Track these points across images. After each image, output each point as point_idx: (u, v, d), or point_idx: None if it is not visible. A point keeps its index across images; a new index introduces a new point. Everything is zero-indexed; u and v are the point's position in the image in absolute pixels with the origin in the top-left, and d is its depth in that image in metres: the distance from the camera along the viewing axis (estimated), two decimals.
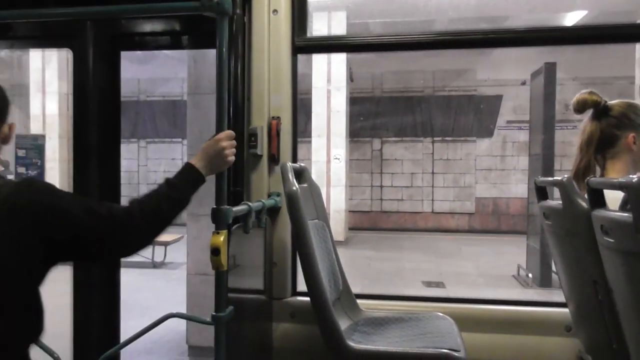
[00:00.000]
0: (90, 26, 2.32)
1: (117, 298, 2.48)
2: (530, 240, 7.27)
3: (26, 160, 2.40)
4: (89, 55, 2.34)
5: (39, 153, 2.42)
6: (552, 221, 1.70)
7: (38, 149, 2.41)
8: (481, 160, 13.41)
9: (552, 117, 6.73)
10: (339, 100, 10.06)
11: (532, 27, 2.10)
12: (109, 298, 2.43)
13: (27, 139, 2.38)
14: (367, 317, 2.06)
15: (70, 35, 2.32)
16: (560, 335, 1.99)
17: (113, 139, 2.48)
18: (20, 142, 2.39)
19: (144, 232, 1.36)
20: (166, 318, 1.81)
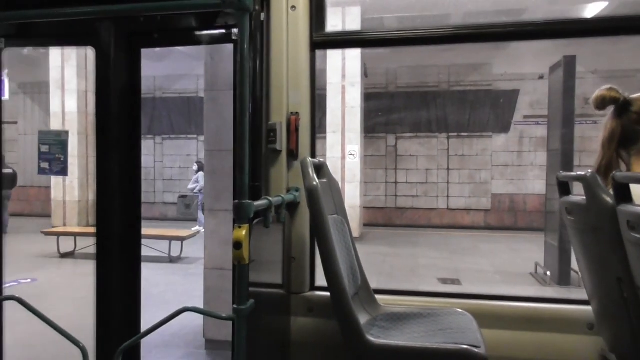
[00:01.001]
0: (111, 24, 2.36)
1: (138, 291, 2.52)
2: (549, 237, 7.18)
3: (49, 156, 2.42)
4: (111, 53, 2.37)
5: (62, 148, 2.44)
6: (574, 217, 1.68)
7: (61, 145, 2.43)
8: (497, 156, 13.28)
9: (572, 111, 6.63)
10: (353, 96, 10.04)
11: (551, 19, 2.07)
12: (130, 291, 2.47)
13: (50, 135, 2.40)
14: (386, 313, 2.06)
15: (93, 33, 2.36)
16: (583, 334, 1.97)
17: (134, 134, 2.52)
18: (43, 138, 2.41)
19: None
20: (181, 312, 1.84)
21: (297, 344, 2.19)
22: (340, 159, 10.10)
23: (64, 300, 5.99)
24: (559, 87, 6.76)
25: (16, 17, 2.08)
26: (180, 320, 2.19)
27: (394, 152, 13.70)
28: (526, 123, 13.09)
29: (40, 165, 2.37)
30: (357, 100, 10.07)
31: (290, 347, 2.19)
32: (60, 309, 5.60)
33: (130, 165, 2.51)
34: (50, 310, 4.76)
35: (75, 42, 2.43)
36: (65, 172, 2.47)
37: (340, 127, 10.08)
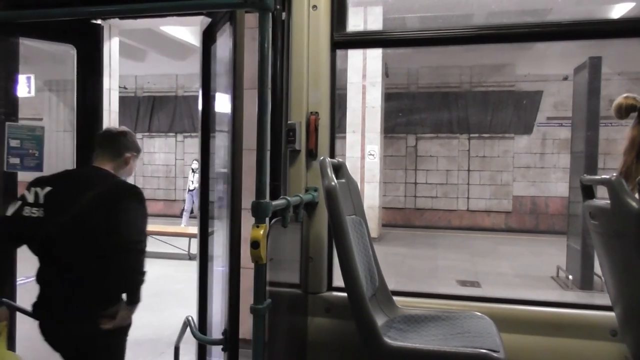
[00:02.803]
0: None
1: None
2: (571, 240, 7.05)
3: (21, 151, 2.41)
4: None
5: (37, 144, 2.43)
6: (598, 221, 1.65)
7: (36, 140, 2.43)
8: (519, 157, 13.09)
9: (597, 113, 6.50)
10: (374, 95, 10.00)
11: (576, 20, 2.03)
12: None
13: (22, 129, 2.40)
14: (403, 314, 2.05)
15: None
16: (605, 340, 1.93)
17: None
18: (14, 132, 2.40)
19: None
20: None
21: (313, 344, 2.19)
22: (359, 159, 10.07)
23: None
24: (583, 88, 6.64)
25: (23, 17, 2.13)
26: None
27: (414, 152, 13.61)
28: (549, 124, 12.87)
29: (9, 160, 2.36)
30: (378, 100, 10.03)
31: (307, 346, 2.20)
32: None
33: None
34: None
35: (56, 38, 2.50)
36: (40, 168, 2.47)
37: (360, 127, 10.05)
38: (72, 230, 1.89)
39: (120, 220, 1.88)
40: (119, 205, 1.91)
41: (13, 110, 2.57)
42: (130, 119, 15.24)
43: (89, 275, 1.92)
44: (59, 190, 1.94)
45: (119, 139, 2.14)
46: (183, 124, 15.20)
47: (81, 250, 1.91)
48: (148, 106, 15.37)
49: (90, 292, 1.92)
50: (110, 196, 1.94)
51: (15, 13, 2.17)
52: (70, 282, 1.92)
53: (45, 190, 1.93)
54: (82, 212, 1.89)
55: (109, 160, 2.09)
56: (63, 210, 1.90)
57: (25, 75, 3.38)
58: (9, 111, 2.55)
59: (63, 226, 1.88)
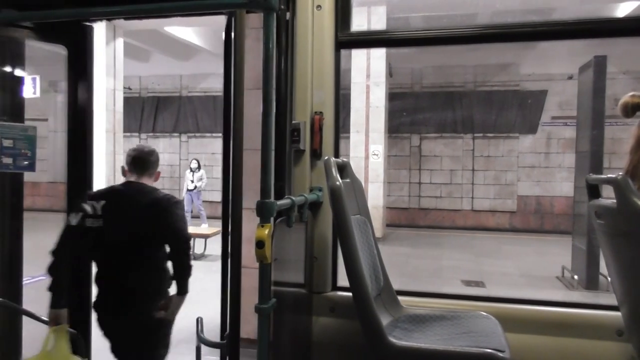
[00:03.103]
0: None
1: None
2: (576, 240, 7.03)
3: (14, 151, 2.42)
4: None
5: (30, 144, 2.44)
6: (604, 221, 1.64)
7: (28, 140, 2.44)
8: (524, 157, 13.05)
9: (602, 112, 6.47)
10: (378, 95, 9.99)
11: (581, 19, 2.02)
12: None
13: (15, 129, 2.40)
14: (408, 314, 2.04)
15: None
16: (611, 340, 1.92)
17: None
18: (6, 132, 2.41)
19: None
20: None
21: (318, 344, 2.19)
22: (363, 159, 10.06)
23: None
24: (588, 87, 6.61)
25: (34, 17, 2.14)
26: (202, 315, 2.24)
27: (418, 152, 13.59)
28: (554, 124, 12.83)
29: (2, 160, 2.37)
30: (382, 100, 10.02)
31: (311, 346, 2.20)
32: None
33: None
34: None
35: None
36: (32, 168, 2.48)
37: (364, 127, 10.04)
38: (128, 237, 2.30)
39: (171, 226, 2.31)
40: (168, 214, 2.33)
41: (19, 111, 2.59)
42: (134, 120, 15.29)
43: (144, 274, 2.34)
44: (113, 203, 2.33)
45: (150, 160, 2.50)
46: (187, 124, 15.23)
47: (137, 253, 2.32)
48: (152, 106, 15.41)
49: (146, 287, 2.34)
50: (158, 207, 2.34)
51: (20, 14, 2.17)
52: (129, 281, 2.31)
53: (101, 203, 2.32)
54: (136, 221, 2.31)
55: (147, 176, 2.47)
56: (119, 220, 2.30)
57: (30, 76, 3.39)
58: (15, 112, 2.56)
59: (121, 234, 2.29)
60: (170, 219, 2.32)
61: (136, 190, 2.39)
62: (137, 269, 2.32)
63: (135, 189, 2.40)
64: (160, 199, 2.38)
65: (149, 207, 2.33)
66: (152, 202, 2.35)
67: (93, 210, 2.30)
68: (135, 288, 2.32)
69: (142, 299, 2.33)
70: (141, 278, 2.33)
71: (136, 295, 2.31)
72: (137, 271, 2.32)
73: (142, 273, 2.33)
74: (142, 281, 2.33)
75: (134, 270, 2.32)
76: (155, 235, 2.32)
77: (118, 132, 11.74)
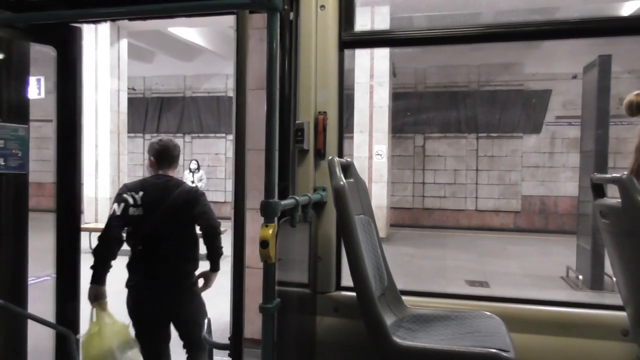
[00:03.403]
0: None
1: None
2: (581, 240, 7.00)
3: (5, 151, 2.43)
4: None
5: (21, 144, 2.45)
6: (609, 220, 1.63)
7: (19, 140, 2.45)
8: (528, 157, 13.02)
9: (606, 112, 6.45)
10: (381, 95, 9.99)
11: (585, 17, 2.01)
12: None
13: (5, 129, 2.41)
14: (412, 314, 2.04)
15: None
16: (617, 340, 1.91)
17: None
18: None
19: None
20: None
21: (322, 344, 2.19)
22: (367, 159, 10.06)
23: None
24: (593, 87, 6.59)
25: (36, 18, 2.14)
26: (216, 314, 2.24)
27: (422, 152, 13.57)
28: (558, 124, 12.79)
29: None
30: (385, 100, 10.02)
31: (315, 346, 2.20)
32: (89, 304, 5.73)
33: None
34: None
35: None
36: (23, 169, 2.49)
37: (367, 127, 10.04)
38: (165, 222, 2.66)
39: (204, 214, 2.71)
40: (198, 203, 2.72)
41: (24, 113, 2.60)
42: (138, 120, 15.33)
43: (179, 255, 2.72)
44: (150, 194, 2.69)
45: (175, 155, 2.86)
46: (191, 124, 15.27)
47: (174, 236, 2.70)
48: (156, 107, 15.46)
49: (182, 267, 2.72)
50: (190, 197, 2.73)
51: (25, 15, 2.19)
52: (169, 260, 2.68)
53: (140, 194, 2.67)
54: (171, 208, 2.67)
55: (171, 169, 2.83)
56: (157, 208, 2.66)
57: (35, 78, 3.41)
58: (21, 113, 2.57)
59: (159, 220, 2.65)
60: (202, 208, 2.71)
61: (167, 182, 2.76)
62: (174, 251, 2.70)
63: (166, 181, 2.77)
64: (190, 190, 2.79)
65: (182, 198, 2.71)
66: (184, 193, 2.73)
67: (134, 201, 2.66)
68: (173, 267, 2.69)
69: (179, 276, 2.72)
70: (177, 258, 2.71)
71: (175, 273, 2.70)
72: (173, 253, 2.70)
73: (177, 254, 2.71)
74: (178, 260, 2.71)
75: (171, 252, 2.69)
76: (188, 222, 2.73)
77: (122, 132, 11.77)
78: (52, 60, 2.55)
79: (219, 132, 15.06)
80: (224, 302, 2.44)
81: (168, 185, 2.74)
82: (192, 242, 2.80)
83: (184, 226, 2.74)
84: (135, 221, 2.65)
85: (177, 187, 2.75)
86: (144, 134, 15.59)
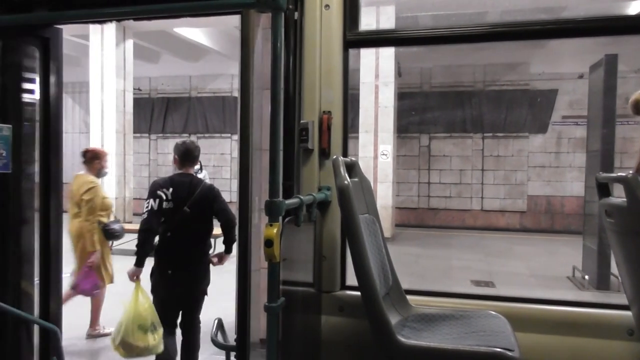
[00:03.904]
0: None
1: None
2: (587, 240, 6.97)
3: None
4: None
5: (5, 143, 2.47)
6: (614, 219, 1.63)
7: (3, 140, 2.47)
8: (534, 156, 12.96)
9: (613, 111, 6.41)
10: (386, 95, 9.97)
11: (592, 16, 1.99)
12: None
13: None
14: (417, 313, 2.04)
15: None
16: (622, 339, 1.90)
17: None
18: None
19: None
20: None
21: (327, 343, 2.19)
22: (372, 159, 10.05)
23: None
24: (599, 86, 6.56)
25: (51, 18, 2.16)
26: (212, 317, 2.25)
27: (427, 152, 13.54)
28: (565, 123, 12.73)
29: None
30: (391, 99, 10.00)
31: (320, 345, 2.20)
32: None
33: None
34: (86, 304, 4.85)
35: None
36: (7, 168, 2.51)
37: (372, 126, 10.02)
38: (190, 214, 3.25)
39: (222, 209, 3.34)
40: (217, 199, 3.36)
41: (30, 113, 2.62)
42: (144, 120, 15.38)
43: (202, 238, 3.38)
44: (178, 190, 3.27)
45: (195, 154, 3.46)
46: (197, 125, 15.30)
47: (196, 225, 3.30)
48: (162, 107, 15.50)
49: (203, 247, 3.40)
50: (208, 193, 3.34)
51: (29, 16, 2.20)
52: (192, 243, 3.32)
53: (170, 190, 3.26)
54: (195, 202, 3.27)
55: (192, 166, 3.45)
56: (184, 202, 3.25)
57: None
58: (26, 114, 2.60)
59: (185, 212, 3.23)
60: (220, 205, 3.35)
61: (191, 181, 3.37)
62: (195, 237, 3.32)
63: (190, 180, 3.38)
64: (210, 187, 3.41)
65: (204, 194, 3.31)
66: (206, 190, 3.34)
67: (166, 196, 3.25)
68: (194, 249, 3.34)
69: (197, 255, 3.36)
70: (197, 242, 3.35)
71: (195, 253, 3.34)
72: (195, 238, 3.33)
73: (197, 239, 3.35)
74: (198, 244, 3.36)
75: (193, 237, 3.31)
76: (208, 214, 3.34)
77: (128, 133, 11.82)
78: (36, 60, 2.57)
79: (225, 132, 15.08)
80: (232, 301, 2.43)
81: (192, 183, 3.35)
82: (208, 229, 3.42)
83: (204, 217, 3.34)
84: (167, 213, 3.24)
85: (199, 185, 3.35)
86: (149, 134, 15.63)
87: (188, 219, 3.24)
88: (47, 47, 2.53)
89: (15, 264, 2.60)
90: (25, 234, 2.65)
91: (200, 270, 3.36)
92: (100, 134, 11.48)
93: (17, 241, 2.61)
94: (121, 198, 11.78)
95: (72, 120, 15.65)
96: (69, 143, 15.11)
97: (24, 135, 2.61)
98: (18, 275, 2.61)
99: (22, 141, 2.60)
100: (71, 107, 15.71)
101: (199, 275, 3.37)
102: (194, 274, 3.34)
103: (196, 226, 3.30)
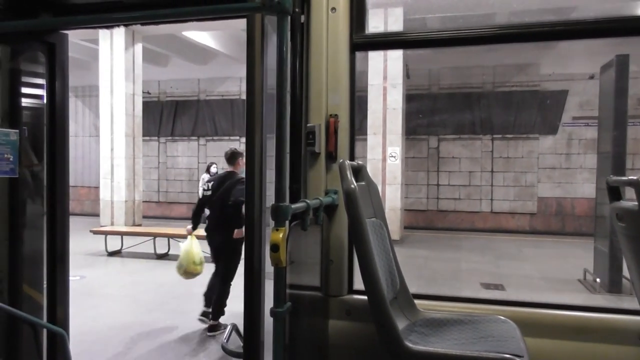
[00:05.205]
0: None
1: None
2: (598, 243, 6.90)
3: None
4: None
5: (12, 148, 2.49)
6: (626, 223, 1.60)
7: (10, 144, 2.49)
8: (544, 158, 12.87)
9: (624, 112, 6.34)
10: (395, 97, 9.96)
11: (602, 17, 1.97)
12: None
13: None
14: (425, 318, 2.02)
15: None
16: (634, 345, 1.87)
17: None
18: None
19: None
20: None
21: (334, 347, 2.18)
22: (381, 161, 10.04)
23: (110, 297, 6.20)
24: (610, 87, 6.49)
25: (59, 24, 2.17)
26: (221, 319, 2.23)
27: (436, 154, 13.50)
28: (575, 124, 12.62)
29: None
30: (399, 101, 9.98)
31: (327, 349, 2.19)
32: (107, 305, 5.79)
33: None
34: (97, 307, 4.89)
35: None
36: (14, 173, 2.53)
37: (381, 129, 10.01)
38: (223, 198, 4.84)
39: (236, 193, 4.74)
40: (235, 187, 4.81)
41: (36, 118, 2.64)
42: (153, 124, 15.48)
43: (231, 215, 4.78)
44: (217, 183, 4.99)
45: (232, 158, 5.05)
46: (205, 127, 15.37)
47: (227, 206, 4.79)
48: (171, 110, 15.59)
49: (230, 221, 4.78)
50: (237, 183, 4.84)
51: (35, 22, 2.22)
52: (222, 219, 4.85)
53: (210, 183, 5.05)
54: (226, 190, 4.85)
55: (233, 166, 5.05)
56: (217, 191, 4.92)
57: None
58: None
59: (219, 200, 4.87)
60: (237, 192, 4.74)
61: (226, 176, 5.05)
62: (224, 214, 4.82)
63: (225, 175, 5.09)
64: (236, 179, 4.90)
65: (228, 185, 4.88)
66: (232, 182, 4.88)
67: (208, 187, 5.04)
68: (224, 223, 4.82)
69: (231, 229, 4.78)
70: (226, 219, 4.81)
71: (230, 228, 4.78)
72: (224, 215, 4.83)
73: (226, 216, 4.81)
74: (226, 220, 4.81)
75: (223, 215, 4.84)
76: (239, 201, 4.63)
77: (137, 136, 11.90)
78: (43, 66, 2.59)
79: (233, 135, 15.14)
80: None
81: (226, 177, 5.02)
82: (235, 210, 4.72)
83: (229, 201, 4.78)
84: (209, 198, 4.99)
85: (230, 179, 4.95)
86: (158, 137, 15.73)
87: (219, 202, 4.87)
88: (53, 52, 2.55)
89: (24, 268, 2.61)
90: (33, 238, 2.67)
91: (227, 235, 4.78)
92: (110, 137, 11.56)
93: (25, 246, 2.63)
94: (130, 201, 11.85)
95: (83, 123, 15.80)
96: (79, 146, 15.24)
97: (30, 139, 2.63)
98: (26, 279, 2.62)
99: (29, 146, 2.62)
100: (81, 111, 15.85)
101: (225, 239, 4.80)
102: (221, 237, 4.84)
103: (224, 208, 4.81)
